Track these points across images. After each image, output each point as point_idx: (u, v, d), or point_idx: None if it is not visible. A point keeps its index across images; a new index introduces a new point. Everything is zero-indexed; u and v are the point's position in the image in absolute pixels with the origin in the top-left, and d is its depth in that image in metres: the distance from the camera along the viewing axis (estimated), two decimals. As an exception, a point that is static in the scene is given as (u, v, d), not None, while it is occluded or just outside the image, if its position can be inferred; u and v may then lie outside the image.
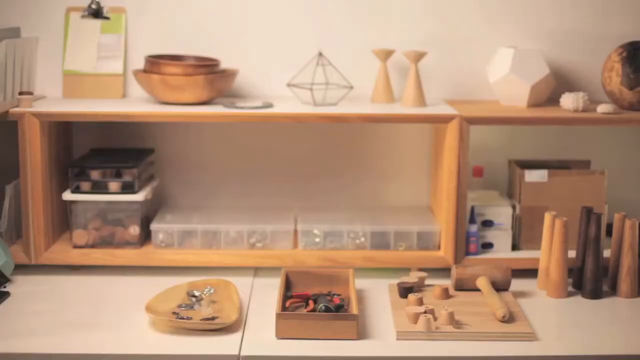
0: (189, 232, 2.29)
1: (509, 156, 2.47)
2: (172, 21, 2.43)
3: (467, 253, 2.28)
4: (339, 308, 1.98)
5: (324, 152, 2.52)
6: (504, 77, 2.34)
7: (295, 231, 2.31)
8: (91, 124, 2.39)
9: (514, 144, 2.51)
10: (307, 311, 1.98)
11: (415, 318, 1.93)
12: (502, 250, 2.32)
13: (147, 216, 2.36)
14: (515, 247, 2.35)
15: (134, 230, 2.29)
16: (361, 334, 1.93)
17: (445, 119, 2.21)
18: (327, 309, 1.95)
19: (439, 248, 2.30)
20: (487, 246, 2.32)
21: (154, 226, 2.29)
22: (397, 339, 1.91)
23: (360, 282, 2.22)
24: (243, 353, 1.83)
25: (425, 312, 1.94)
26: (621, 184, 2.52)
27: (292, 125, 2.45)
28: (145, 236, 2.32)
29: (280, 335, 1.90)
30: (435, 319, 1.95)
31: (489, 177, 2.46)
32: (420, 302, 2.03)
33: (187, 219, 2.35)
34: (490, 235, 2.32)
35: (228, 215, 2.37)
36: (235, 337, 1.90)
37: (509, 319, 1.96)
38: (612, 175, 2.41)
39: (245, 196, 2.51)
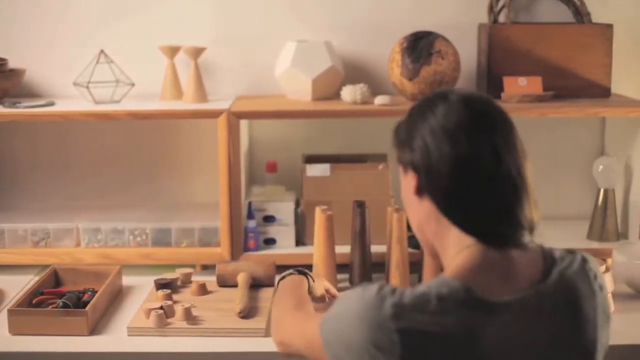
0: (-23, 231, 2.31)
1: (308, 151, 2.43)
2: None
3: (247, 249, 2.25)
4: (86, 305, 1.98)
5: (131, 150, 2.50)
6: (286, 71, 2.29)
7: (77, 229, 2.30)
8: None
9: (314, 139, 2.46)
10: (52, 308, 1.98)
11: (149, 314, 1.92)
12: (285, 246, 2.28)
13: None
14: (300, 242, 2.31)
15: None
16: (96, 330, 1.93)
17: (214, 114, 2.18)
18: (65, 305, 1.96)
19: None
20: (270, 242, 2.28)
21: (-60, 226, 2.31)
22: (128, 335, 1.90)
23: (134, 280, 2.22)
24: (-32, 350, 1.85)
25: (160, 308, 1.93)
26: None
27: (100, 124, 2.41)
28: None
29: (13, 331, 1.90)
30: (172, 314, 1.94)
31: (287, 173, 2.42)
32: (168, 297, 2.02)
33: (-18, 219, 2.36)
34: (273, 230, 2.28)
35: (24, 215, 2.38)
36: (-27, 334, 1.92)
37: (248, 315, 1.94)
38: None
39: (53, 195, 2.50)
